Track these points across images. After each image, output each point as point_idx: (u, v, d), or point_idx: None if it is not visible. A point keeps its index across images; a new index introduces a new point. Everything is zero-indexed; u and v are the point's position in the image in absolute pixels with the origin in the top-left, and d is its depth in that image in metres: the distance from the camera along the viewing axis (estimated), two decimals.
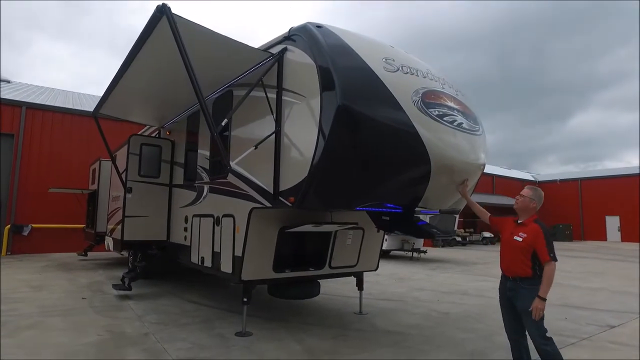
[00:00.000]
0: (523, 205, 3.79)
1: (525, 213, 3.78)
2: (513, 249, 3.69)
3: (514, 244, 3.68)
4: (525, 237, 3.61)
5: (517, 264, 3.65)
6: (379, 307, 7.19)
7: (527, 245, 3.59)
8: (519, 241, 3.64)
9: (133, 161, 7.59)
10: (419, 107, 4.02)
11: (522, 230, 3.68)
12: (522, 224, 3.74)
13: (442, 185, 4.32)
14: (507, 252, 3.79)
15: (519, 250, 3.63)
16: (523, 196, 3.82)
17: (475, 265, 14.55)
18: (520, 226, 3.74)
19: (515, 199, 3.90)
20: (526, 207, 3.78)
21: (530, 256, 3.58)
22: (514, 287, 3.71)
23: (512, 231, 3.75)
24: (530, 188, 3.88)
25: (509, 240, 3.77)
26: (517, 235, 3.67)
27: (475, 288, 9.45)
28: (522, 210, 3.80)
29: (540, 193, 3.85)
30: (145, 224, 7.57)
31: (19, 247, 14.34)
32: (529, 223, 3.69)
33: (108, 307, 6.69)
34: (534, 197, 3.79)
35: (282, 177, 4.45)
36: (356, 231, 5.99)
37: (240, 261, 5.06)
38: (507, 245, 3.81)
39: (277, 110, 4.63)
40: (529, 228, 3.64)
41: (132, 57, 5.16)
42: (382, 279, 10.40)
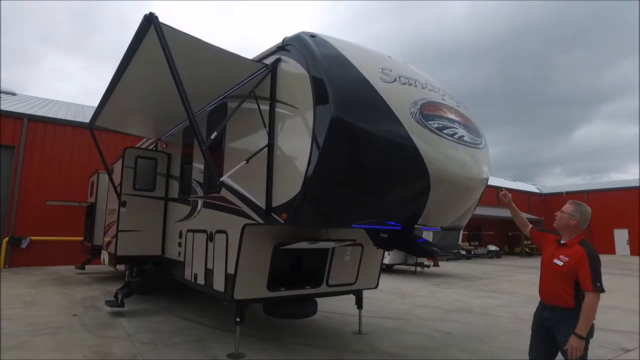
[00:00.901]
0: (562, 223, 3.32)
1: (568, 232, 3.29)
2: (553, 273, 3.23)
3: (554, 268, 3.21)
4: (567, 261, 3.14)
5: (557, 291, 3.19)
6: (379, 326, 6.91)
7: (568, 270, 3.11)
8: (559, 265, 3.17)
9: (128, 174, 7.43)
10: (417, 119, 3.83)
11: (564, 252, 3.21)
12: (564, 245, 3.26)
13: (442, 201, 4.10)
14: (546, 276, 3.33)
15: (560, 276, 3.16)
16: (562, 212, 3.35)
17: (480, 280, 14.19)
18: (562, 247, 3.26)
19: (554, 216, 3.44)
20: (566, 225, 3.29)
21: (572, 283, 3.12)
22: (553, 318, 3.24)
23: (553, 252, 3.30)
24: (572, 203, 3.39)
25: (548, 263, 3.31)
26: (557, 258, 3.21)
27: (480, 305, 9.13)
28: (562, 228, 3.33)
29: (584, 209, 3.33)
30: (139, 238, 7.38)
31: (17, 260, 14.18)
32: (573, 245, 3.20)
33: (99, 325, 6.47)
34: (575, 214, 3.29)
35: (275, 192, 4.25)
36: (355, 247, 5.77)
37: (232, 279, 4.85)
38: (546, 269, 3.35)
39: (270, 122, 4.46)
40: (572, 250, 3.16)
41: (123, 68, 5.03)
42: (383, 295, 10.11)
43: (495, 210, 29.39)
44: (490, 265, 20.85)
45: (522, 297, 10.36)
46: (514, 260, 25.33)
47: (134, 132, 8.93)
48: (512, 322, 7.42)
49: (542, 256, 3.47)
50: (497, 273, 16.82)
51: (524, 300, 9.56)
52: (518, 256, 29.62)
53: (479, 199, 4.71)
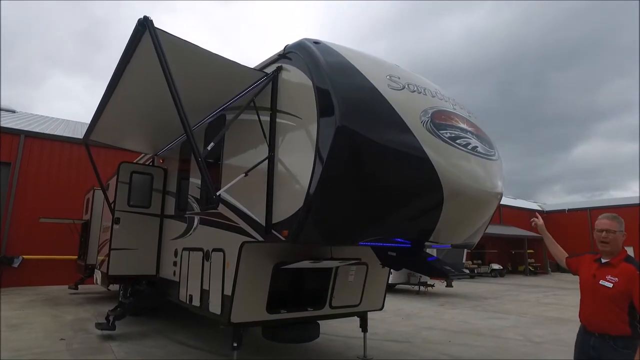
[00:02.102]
0: (617, 243, 2.96)
1: (617, 249, 2.97)
2: (600, 297, 2.86)
3: (602, 291, 2.85)
4: (616, 281, 2.79)
5: (608, 317, 2.82)
6: (385, 349, 6.53)
7: (619, 293, 2.76)
8: (608, 287, 2.81)
9: (122, 190, 7.16)
10: (429, 128, 3.58)
11: (610, 272, 2.86)
12: (608, 264, 2.93)
13: (455, 217, 3.81)
14: (591, 300, 2.94)
15: (609, 300, 2.81)
16: (613, 232, 2.95)
17: (486, 300, 13.75)
18: (606, 267, 2.92)
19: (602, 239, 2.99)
20: (619, 245, 2.96)
21: (626, 307, 2.76)
22: (602, 347, 2.84)
23: (596, 273, 2.95)
24: (612, 217, 3.02)
25: (592, 285, 2.93)
26: (604, 279, 2.85)
27: (488, 327, 8.73)
28: (615, 248, 2.97)
29: (622, 220, 3.02)
30: (133, 257, 7.05)
31: (8, 280, 13.73)
32: (619, 263, 2.87)
33: (87, 350, 6.09)
34: (622, 228, 2.97)
35: (276, 208, 3.97)
36: (359, 267, 5.44)
37: (229, 301, 4.52)
38: (590, 292, 2.96)
39: (271, 134, 4.22)
40: (620, 270, 2.82)
41: (117, 78, 4.81)
42: (387, 316, 9.70)
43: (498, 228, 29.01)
44: (495, 285, 20.37)
45: (531, 317, 9.94)
46: (518, 279, 24.81)
47: (130, 147, 8.69)
48: (524, 346, 7.04)
49: (580, 279, 3.11)
50: (503, 292, 16.37)
51: (533, 322, 9.15)
52: (522, 275, 29.07)
53: (492, 216, 4.43)
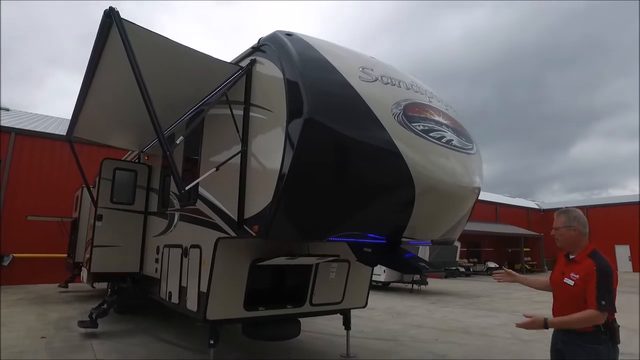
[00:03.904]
0: (565, 240, 2.94)
1: (574, 246, 2.92)
2: (564, 294, 2.88)
3: (565, 288, 2.85)
4: (577, 279, 2.77)
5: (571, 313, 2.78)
6: (369, 348, 6.46)
7: (580, 290, 2.74)
8: (570, 285, 2.81)
9: (105, 187, 7.08)
10: (400, 120, 3.50)
11: (574, 269, 2.84)
12: (574, 260, 2.89)
13: (429, 213, 3.75)
14: (557, 296, 2.97)
15: (572, 297, 2.79)
16: (557, 228, 2.96)
17: (479, 298, 13.69)
18: (572, 264, 2.89)
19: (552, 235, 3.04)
20: (569, 240, 2.92)
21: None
22: (568, 342, 2.84)
23: (564, 270, 2.94)
24: (561, 213, 3.00)
25: (558, 282, 2.94)
26: (568, 277, 2.84)
27: (478, 325, 8.66)
28: (567, 245, 2.95)
29: (575, 214, 2.95)
30: (116, 254, 6.97)
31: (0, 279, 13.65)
32: (583, 259, 2.83)
33: (67, 349, 6.02)
34: (571, 223, 2.90)
35: (248, 202, 3.90)
36: (341, 264, 5.38)
37: (205, 298, 4.44)
38: (557, 289, 2.99)
39: (244, 128, 4.14)
40: (583, 266, 2.79)
41: (91, 71, 4.73)
42: (377, 315, 9.63)
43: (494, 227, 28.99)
44: (489, 283, 20.30)
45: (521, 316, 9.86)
46: None
47: (116, 144, 8.62)
48: (512, 344, 6.97)
49: (551, 275, 3.10)
50: (496, 290, 16.30)
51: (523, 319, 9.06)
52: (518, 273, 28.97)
53: (471, 210, 4.35)
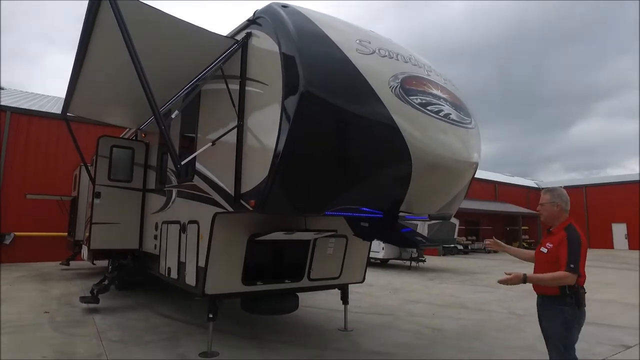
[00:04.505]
0: (548, 215, 3.29)
1: (555, 220, 3.28)
2: (540, 262, 3.26)
3: (540, 256, 3.26)
4: (551, 247, 3.14)
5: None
6: (366, 322, 6.57)
7: (552, 257, 3.10)
8: (544, 253, 3.20)
9: (102, 164, 7.07)
10: (398, 93, 3.46)
11: (550, 240, 3.22)
12: (551, 232, 3.27)
13: (426, 187, 3.74)
14: (536, 265, 3.34)
15: (545, 264, 3.15)
16: (542, 204, 3.31)
17: (475, 275, 13.86)
18: (550, 235, 3.28)
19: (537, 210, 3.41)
20: (552, 215, 3.27)
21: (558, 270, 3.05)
22: (543, 305, 3.24)
23: (542, 242, 3.32)
24: (547, 191, 3.36)
25: (537, 253, 3.33)
26: (544, 246, 3.23)
27: (474, 300, 8.80)
28: (550, 219, 3.31)
29: (559, 192, 3.31)
30: (115, 231, 7.01)
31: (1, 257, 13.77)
32: (559, 231, 3.18)
33: (69, 323, 6.11)
34: (555, 200, 3.26)
35: (244, 177, 3.89)
36: (339, 239, 5.41)
37: (203, 273, 4.49)
38: (535, 259, 3.37)
39: (240, 103, 4.09)
40: (557, 237, 3.15)
41: (83, 47, 4.65)
42: (375, 291, 9.76)
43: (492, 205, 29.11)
44: (487, 260, 20.54)
45: (517, 291, 9.98)
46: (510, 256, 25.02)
47: (114, 122, 8.55)
48: (507, 318, 7.09)
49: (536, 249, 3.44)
50: (494, 268, 16.50)
51: (519, 295, 9.21)
52: None
53: (469, 185, 4.35)
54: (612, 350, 5.28)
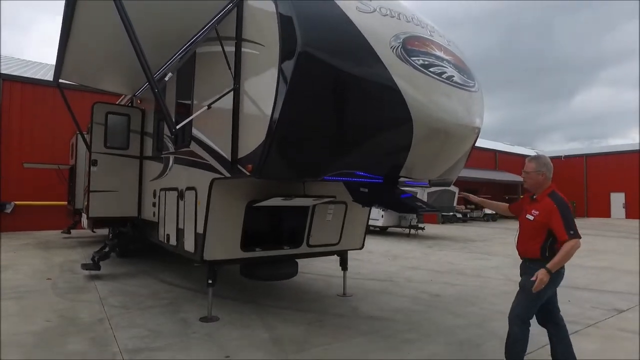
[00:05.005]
0: (533, 183, 3.34)
1: (539, 188, 3.33)
2: (525, 229, 3.32)
3: (526, 223, 3.31)
4: (537, 214, 3.20)
5: (528, 244, 3.27)
6: (365, 288, 6.65)
7: (538, 224, 3.18)
8: (530, 220, 3.25)
9: (98, 131, 6.95)
10: (399, 54, 3.33)
11: (535, 207, 3.27)
12: (535, 199, 3.33)
13: (427, 152, 3.67)
14: (521, 232, 3.40)
15: (531, 230, 3.24)
16: (527, 172, 3.35)
17: (474, 242, 14.00)
18: (534, 202, 3.33)
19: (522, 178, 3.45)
20: (537, 183, 3.32)
21: (543, 236, 3.17)
22: (524, 268, 3.38)
23: (527, 208, 3.35)
24: (532, 159, 3.39)
25: (522, 220, 3.38)
26: (529, 214, 3.27)
27: (472, 267, 8.90)
28: (534, 187, 3.36)
29: (544, 160, 3.35)
30: (113, 199, 6.99)
31: (2, 226, 13.85)
32: (543, 198, 3.25)
33: (71, 289, 6.19)
34: (540, 168, 3.30)
35: (241, 141, 3.81)
36: (338, 206, 5.39)
37: (202, 239, 4.49)
38: (520, 225, 3.42)
39: (236, 65, 3.95)
40: (542, 204, 3.21)
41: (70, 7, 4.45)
42: (374, 257, 9.87)
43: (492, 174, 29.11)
44: (486, 228, 20.72)
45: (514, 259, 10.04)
46: (509, 224, 25.20)
47: (108, 88, 8.40)
48: (504, 284, 7.17)
49: (514, 205, 3.66)
50: (492, 236, 16.66)
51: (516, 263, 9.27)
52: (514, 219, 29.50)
53: (471, 151, 4.27)
54: (605, 315, 5.35)
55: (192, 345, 3.99)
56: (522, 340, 3.20)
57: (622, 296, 6.38)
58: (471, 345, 4.15)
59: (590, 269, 8.93)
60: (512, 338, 3.22)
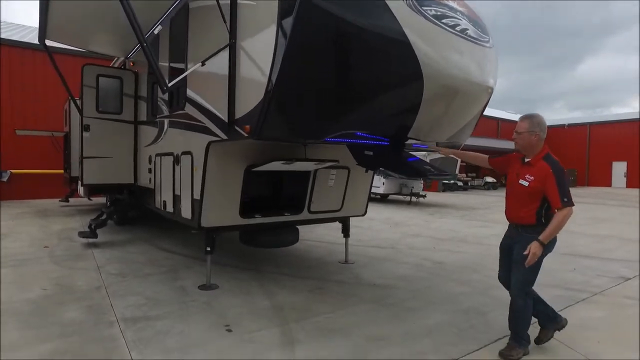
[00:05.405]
0: (525, 143, 3.10)
1: (532, 150, 3.10)
2: (518, 194, 3.11)
3: (519, 189, 3.09)
4: (532, 180, 3.00)
5: (522, 210, 3.08)
6: (367, 255, 6.56)
7: (534, 190, 2.99)
8: (524, 186, 3.04)
9: (89, 95, 6.66)
10: (410, 3, 3.03)
11: (529, 171, 3.05)
12: (528, 163, 3.10)
13: (437, 112, 3.43)
14: (511, 197, 3.22)
15: (525, 196, 3.05)
16: (519, 133, 3.10)
17: (475, 210, 13.92)
18: (526, 166, 3.11)
19: (513, 139, 3.20)
20: (529, 144, 3.08)
21: (538, 201, 3.00)
22: (514, 235, 3.23)
23: (518, 172, 3.14)
24: (524, 118, 3.13)
25: (513, 184, 3.17)
26: (522, 179, 3.06)
27: (474, 235, 8.82)
28: (526, 149, 3.13)
29: (538, 119, 3.09)
30: (108, 165, 6.78)
31: None
32: (537, 162, 3.04)
33: (69, 257, 6.08)
34: (534, 128, 3.05)
35: (238, 101, 3.56)
36: (340, 171, 5.19)
37: (199, 205, 4.32)
38: (511, 190, 3.22)
39: (232, 19, 3.64)
40: (537, 168, 3.01)
41: None
42: (375, 224, 9.78)
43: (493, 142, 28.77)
44: (486, 196, 20.64)
45: None
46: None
47: (99, 50, 7.99)
48: None
49: (507, 177, 3.31)
50: (493, 203, 16.58)
51: None
52: None
53: (482, 112, 4.03)
54: (612, 283, 5.27)
55: (191, 313, 3.89)
56: (527, 312, 3.12)
57: (627, 264, 6.29)
58: (477, 313, 4.06)
59: (592, 237, 8.85)
60: (517, 311, 3.12)
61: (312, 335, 3.46)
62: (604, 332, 3.68)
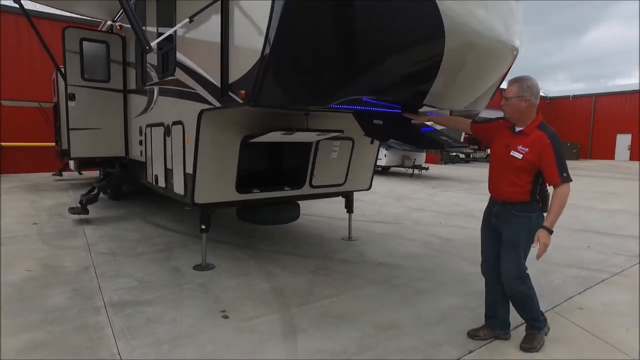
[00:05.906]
0: (514, 110, 2.67)
1: (522, 118, 2.69)
2: (508, 167, 2.70)
3: (511, 161, 2.67)
4: (526, 152, 2.61)
5: (513, 186, 2.70)
6: (371, 231, 6.26)
7: (528, 164, 2.62)
8: (517, 158, 2.64)
9: (72, 61, 6.19)
10: None
11: (521, 142, 2.65)
12: (521, 132, 2.69)
13: (457, 74, 3.02)
14: (499, 170, 2.79)
15: (517, 170, 2.66)
16: (507, 98, 2.67)
17: (479, 183, 13.59)
18: (519, 136, 2.69)
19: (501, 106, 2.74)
20: (519, 111, 2.66)
21: (531, 176, 2.66)
22: (502, 213, 2.79)
23: (509, 142, 2.72)
24: (513, 81, 2.68)
25: (503, 155, 2.73)
26: (515, 150, 2.66)
27: (480, 209, 8.37)
28: (515, 116, 2.70)
29: (530, 82, 2.63)
30: (96, 137, 6.39)
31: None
32: (531, 131, 2.65)
33: (58, 234, 5.77)
34: (523, 93, 2.62)
35: (232, 64, 3.14)
36: (344, 142, 4.82)
37: (192, 180, 3.97)
38: (498, 162, 2.79)
39: None
40: (532, 138, 2.62)
41: None
42: (378, 198, 9.47)
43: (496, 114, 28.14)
44: None
45: None
46: None
47: (84, 12, 7.47)
48: None
49: (492, 147, 2.89)
50: None
51: None
52: None
53: (505, 76, 3.61)
54: (630, 261, 4.99)
55: (185, 297, 3.60)
56: (531, 294, 2.80)
57: None
58: None
59: (603, 212, 8.56)
60: (521, 300, 2.82)
61: (316, 322, 3.18)
62: (631, 318, 3.40)
